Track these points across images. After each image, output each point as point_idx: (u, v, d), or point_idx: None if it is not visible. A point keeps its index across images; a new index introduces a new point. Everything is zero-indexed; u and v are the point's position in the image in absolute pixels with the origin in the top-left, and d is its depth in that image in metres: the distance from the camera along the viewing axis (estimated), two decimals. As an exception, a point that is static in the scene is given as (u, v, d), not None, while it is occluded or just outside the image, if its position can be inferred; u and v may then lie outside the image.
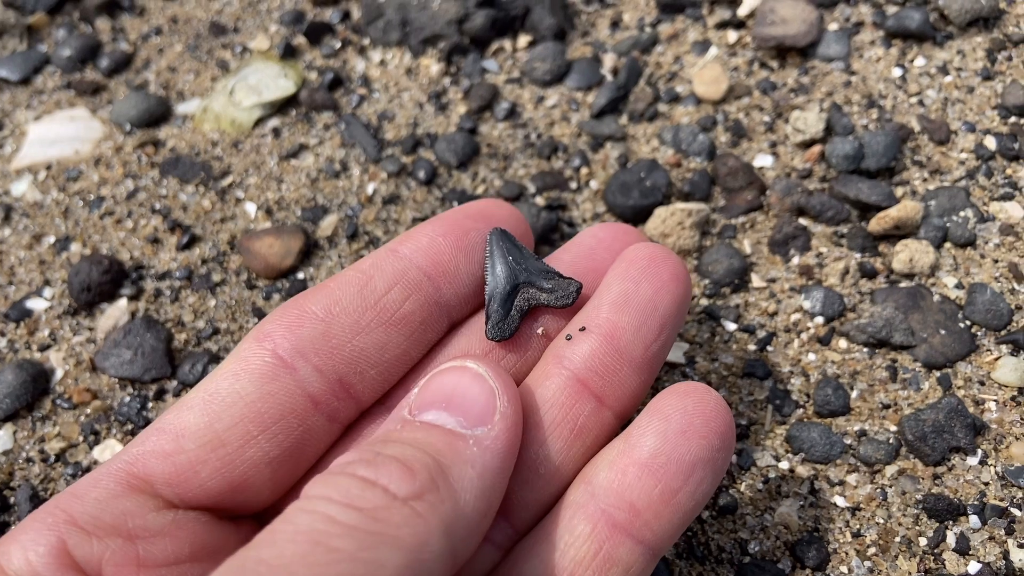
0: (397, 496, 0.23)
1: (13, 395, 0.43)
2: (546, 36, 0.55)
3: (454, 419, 0.26)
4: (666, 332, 0.31)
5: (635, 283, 0.31)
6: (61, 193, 0.51)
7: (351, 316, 0.29)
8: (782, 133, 0.49)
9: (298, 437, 0.28)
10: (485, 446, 0.26)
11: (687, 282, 0.32)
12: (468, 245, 0.32)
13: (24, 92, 0.57)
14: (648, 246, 0.32)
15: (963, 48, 0.51)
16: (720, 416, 0.29)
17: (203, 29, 0.58)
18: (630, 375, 0.31)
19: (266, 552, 0.21)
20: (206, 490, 0.27)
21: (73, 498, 0.26)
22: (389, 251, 0.31)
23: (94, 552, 0.25)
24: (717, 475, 0.29)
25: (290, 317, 0.29)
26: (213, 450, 0.27)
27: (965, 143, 0.47)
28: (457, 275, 0.32)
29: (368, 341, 0.29)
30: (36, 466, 0.42)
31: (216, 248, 0.48)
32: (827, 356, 0.41)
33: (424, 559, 0.22)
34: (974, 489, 0.37)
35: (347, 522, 0.22)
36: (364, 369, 0.29)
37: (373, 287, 0.30)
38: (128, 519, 0.26)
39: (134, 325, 0.44)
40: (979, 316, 0.41)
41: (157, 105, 0.54)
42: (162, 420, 0.28)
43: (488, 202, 0.34)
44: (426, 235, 0.31)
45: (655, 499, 0.28)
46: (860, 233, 0.44)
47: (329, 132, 0.52)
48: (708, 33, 0.54)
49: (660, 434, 0.28)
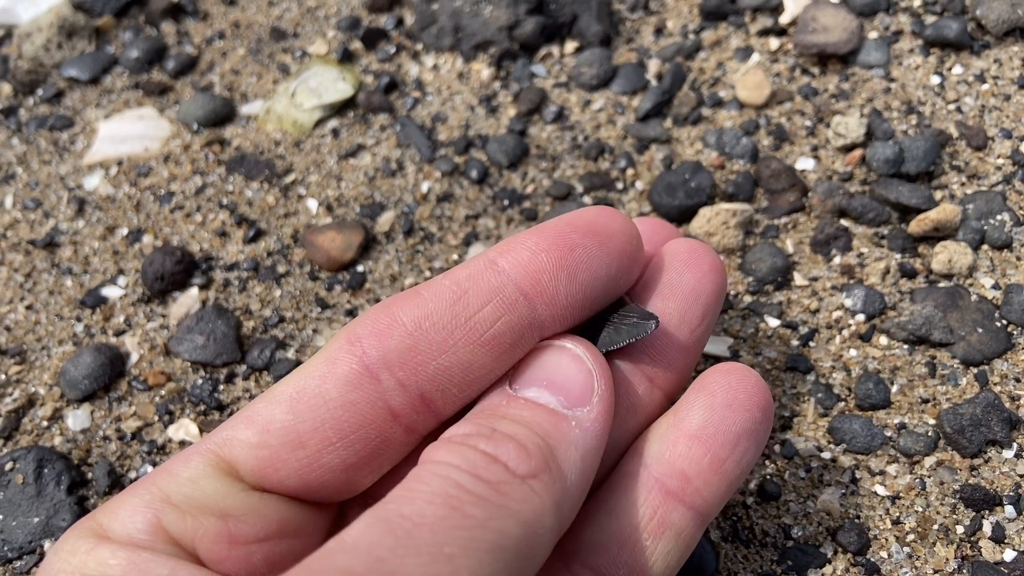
0: (516, 473, 0.25)
1: (91, 377, 0.45)
2: (593, 42, 0.57)
3: (555, 398, 0.28)
4: (708, 317, 0.33)
5: (678, 273, 0.33)
6: (132, 188, 0.54)
7: (440, 333, 0.28)
8: (823, 137, 0.51)
9: (376, 447, 0.29)
10: (586, 427, 0.27)
11: (724, 272, 0.34)
12: (572, 264, 0.30)
13: (94, 91, 0.60)
14: (686, 241, 0.34)
15: (1000, 57, 0.52)
16: (761, 391, 0.31)
17: (264, 34, 0.61)
18: (677, 357, 0.33)
19: (406, 508, 0.23)
20: (284, 486, 0.28)
21: (167, 476, 0.28)
22: (488, 262, 0.30)
23: (188, 528, 0.26)
24: (759, 445, 0.31)
25: (381, 324, 0.28)
26: (293, 451, 0.28)
27: (1002, 149, 0.49)
28: (556, 296, 0.30)
29: (455, 359, 0.28)
30: (113, 444, 0.44)
31: (280, 241, 0.50)
32: (868, 352, 0.43)
33: (538, 533, 0.24)
34: (1010, 481, 0.39)
35: (477, 491, 0.24)
36: (446, 387, 0.29)
37: (467, 303, 0.28)
38: (219, 498, 0.27)
39: (206, 312, 0.47)
40: (1015, 315, 0.43)
41: (222, 106, 0.56)
42: (253, 408, 0.29)
43: (598, 212, 0.31)
44: (528, 249, 0.29)
45: (704, 467, 0.30)
46: (900, 234, 0.46)
47: (385, 133, 0.55)
48: (750, 40, 0.56)
49: (707, 408, 0.30)
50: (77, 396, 0.45)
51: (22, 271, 0.51)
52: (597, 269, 0.30)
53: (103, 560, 0.24)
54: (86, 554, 0.25)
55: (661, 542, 0.30)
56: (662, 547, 0.30)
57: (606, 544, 0.30)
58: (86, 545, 0.25)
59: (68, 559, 0.25)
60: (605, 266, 0.30)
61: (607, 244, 0.30)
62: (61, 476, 0.42)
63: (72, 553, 0.25)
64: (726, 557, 0.38)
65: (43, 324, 0.49)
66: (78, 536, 0.25)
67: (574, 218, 0.31)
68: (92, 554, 0.24)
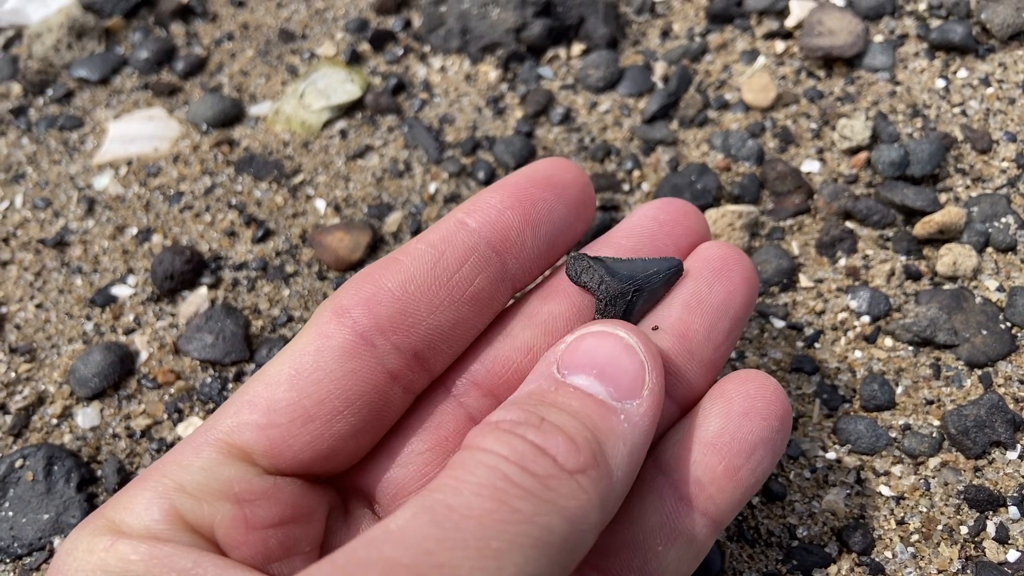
0: (565, 468, 0.24)
1: (101, 375, 0.46)
2: (599, 45, 0.57)
3: (605, 389, 0.27)
4: (734, 334, 0.33)
5: (708, 285, 0.32)
6: (142, 188, 0.54)
7: (426, 295, 0.30)
8: (829, 140, 0.51)
9: (379, 409, 0.30)
10: (634, 422, 0.27)
11: (756, 284, 0.33)
12: (535, 219, 0.32)
13: (103, 92, 0.61)
14: (721, 246, 0.34)
15: (1005, 61, 0.53)
16: (779, 400, 0.31)
17: (273, 35, 0.62)
18: (697, 373, 0.32)
19: (453, 499, 0.23)
20: (299, 460, 0.29)
21: (178, 467, 0.28)
22: (458, 223, 0.31)
23: (205, 515, 0.26)
24: (776, 454, 0.31)
25: (367, 292, 0.30)
26: (303, 424, 0.29)
27: (1006, 152, 0.49)
28: (523, 249, 0.32)
29: (443, 319, 0.30)
30: (122, 441, 0.44)
31: (289, 241, 0.51)
32: (873, 353, 0.43)
33: (583, 530, 0.24)
34: (1014, 482, 0.39)
35: (524, 485, 0.23)
36: (438, 344, 0.31)
37: (446, 264, 0.30)
38: (234, 484, 0.27)
39: (215, 311, 0.47)
40: (1019, 318, 0.43)
41: (231, 107, 0.57)
42: (251, 392, 0.29)
43: (551, 163, 0.33)
44: (494, 207, 0.31)
45: (719, 475, 0.30)
46: (905, 237, 0.46)
47: (393, 134, 0.55)
48: (756, 43, 0.56)
49: (724, 415, 0.30)
50: (87, 394, 0.46)
51: (32, 270, 0.52)
52: (557, 220, 0.32)
53: (124, 556, 0.24)
54: (105, 551, 0.24)
55: (673, 548, 0.30)
56: (674, 553, 0.30)
57: (617, 548, 0.30)
58: (103, 542, 0.25)
59: (85, 558, 0.24)
60: (563, 216, 0.33)
61: (564, 195, 0.33)
62: (71, 473, 0.43)
63: (89, 551, 0.25)
64: (731, 556, 0.38)
65: (53, 323, 0.49)
66: (92, 534, 0.25)
67: (532, 172, 0.33)
68: (111, 551, 0.24)
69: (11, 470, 0.43)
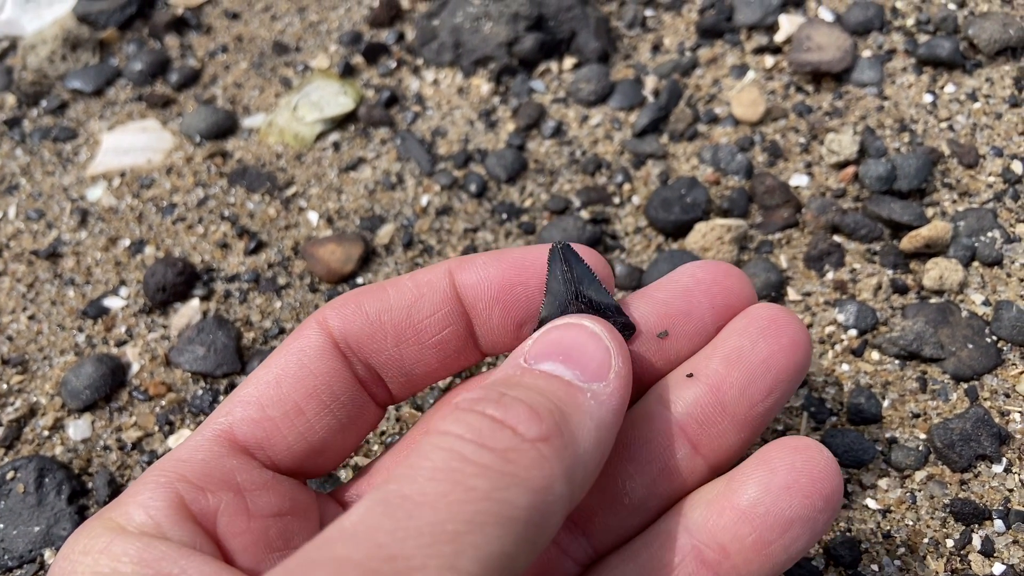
0: (525, 438, 0.24)
1: (92, 387, 0.46)
2: (591, 59, 0.58)
3: (571, 372, 0.27)
4: (775, 396, 0.31)
5: (751, 342, 0.31)
6: (135, 199, 0.55)
7: (395, 328, 0.31)
8: (817, 154, 0.52)
9: (358, 409, 0.32)
10: (601, 400, 0.27)
11: (807, 350, 0.31)
12: (508, 300, 0.32)
13: (97, 103, 0.61)
14: (772, 308, 0.32)
15: (992, 76, 0.53)
16: (828, 478, 0.28)
17: (267, 48, 0.62)
18: (729, 430, 0.31)
19: (408, 488, 0.22)
20: (292, 453, 0.30)
21: (180, 462, 0.28)
22: (447, 272, 0.32)
23: (209, 505, 0.27)
24: (815, 534, 0.28)
25: (348, 310, 0.31)
26: (295, 416, 0.30)
27: (993, 167, 0.50)
28: (489, 322, 0.32)
29: (404, 353, 0.32)
30: (113, 453, 0.45)
31: (281, 253, 0.51)
32: (860, 367, 0.44)
33: (548, 501, 0.23)
34: (999, 495, 0.39)
35: (480, 461, 0.23)
36: (395, 375, 0.32)
37: (420, 308, 0.31)
38: (236, 474, 0.28)
39: (206, 323, 0.47)
40: (1005, 332, 0.43)
41: (224, 119, 0.57)
42: (242, 393, 0.31)
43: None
44: (477, 272, 0.32)
45: (747, 546, 0.28)
46: (892, 251, 0.47)
47: (386, 147, 0.55)
48: (746, 58, 0.57)
49: (763, 485, 0.28)
50: (78, 406, 0.46)
51: (24, 281, 0.52)
52: (534, 311, 0.32)
53: (116, 557, 0.24)
54: (99, 553, 0.25)
55: None
56: None
57: None
58: (100, 543, 0.25)
59: (81, 559, 0.25)
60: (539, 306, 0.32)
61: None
62: (62, 485, 0.43)
63: (85, 553, 0.25)
64: (719, 569, 0.39)
65: (45, 334, 0.49)
66: (90, 535, 0.25)
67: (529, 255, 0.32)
68: (106, 553, 0.24)
69: (2, 482, 0.43)
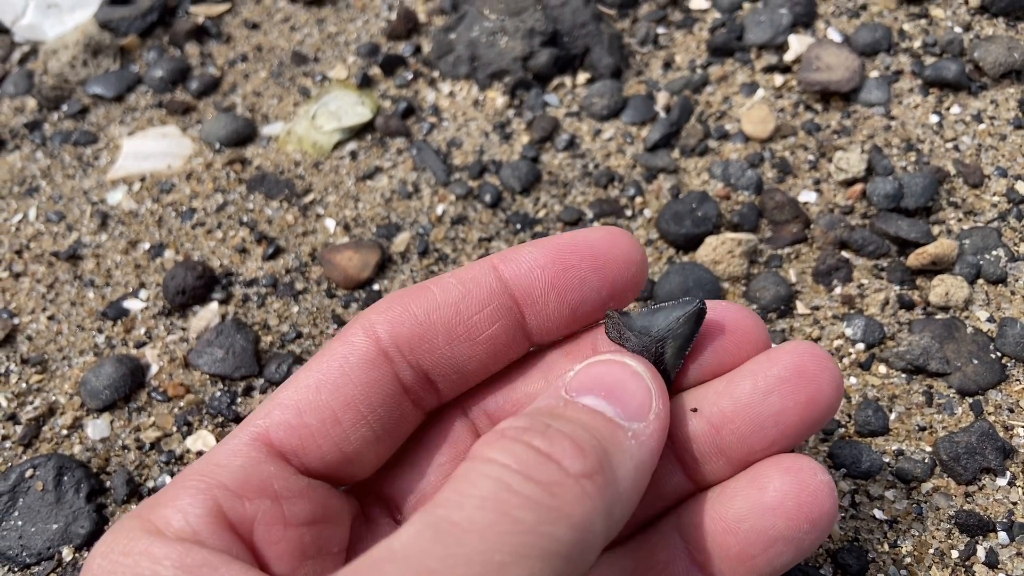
0: (570, 472, 0.24)
1: (112, 387, 0.47)
2: (604, 74, 0.59)
3: (613, 409, 0.27)
4: (779, 446, 0.30)
5: (764, 393, 0.30)
6: (155, 204, 0.55)
7: (445, 326, 0.31)
8: (825, 171, 0.53)
9: (396, 419, 0.31)
10: (641, 441, 0.27)
11: (827, 405, 0.30)
12: (562, 284, 0.31)
13: (118, 108, 0.62)
14: (799, 352, 0.30)
15: (996, 98, 0.55)
16: (817, 501, 0.29)
17: (286, 58, 0.63)
18: (724, 468, 0.31)
19: (456, 514, 0.23)
20: (326, 462, 0.30)
21: (217, 467, 0.28)
22: (491, 267, 0.32)
23: (247, 513, 0.27)
24: (801, 552, 0.29)
25: (394, 312, 0.31)
26: (332, 426, 0.30)
27: (997, 187, 0.51)
28: (544, 310, 0.32)
29: (456, 351, 0.31)
30: (132, 453, 0.45)
31: (299, 259, 0.52)
32: (867, 380, 0.45)
33: (587, 538, 0.24)
34: (1003, 508, 0.40)
35: (527, 494, 0.23)
36: (448, 373, 0.32)
37: (468, 304, 0.31)
38: (273, 481, 0.28)
39: (225, 327, 0.48)
40: (1009, 348, 0.44)
41: (244, 126, 0.58)
42: (282, 396, 0.30)
43: (603, 234, 0.32)
44: (526, 261, 0.32)
45: (732, 555, 0.29)
46: (899, 267, 0.48)
47: (402, 156, 0.56)
48: (756, 76, 0.58)
49: (750, 502, 0.29)
50: (97, 406, 0.46)
51: (45, 282, 0.52)
52: (587, 292, 0.32)
53: (156, 560, 0.24)
54: (140, 555, 0.25)
55: None
56: None
57: None
58: (140, 544, 0.25)
59: (121, 560, 0.25)
60: (596, 290, 0.32)
61: (603, 269, 0.32)
62: (80, 484, 0.43)
63: (125, 554, 0.25)
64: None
65: (65, 334, 0.50)
66: (129, 536, 0.25)
67: (578, 237, 0.32)
68: (147, 554, 0.25)
69: (21, 480, 0.43)
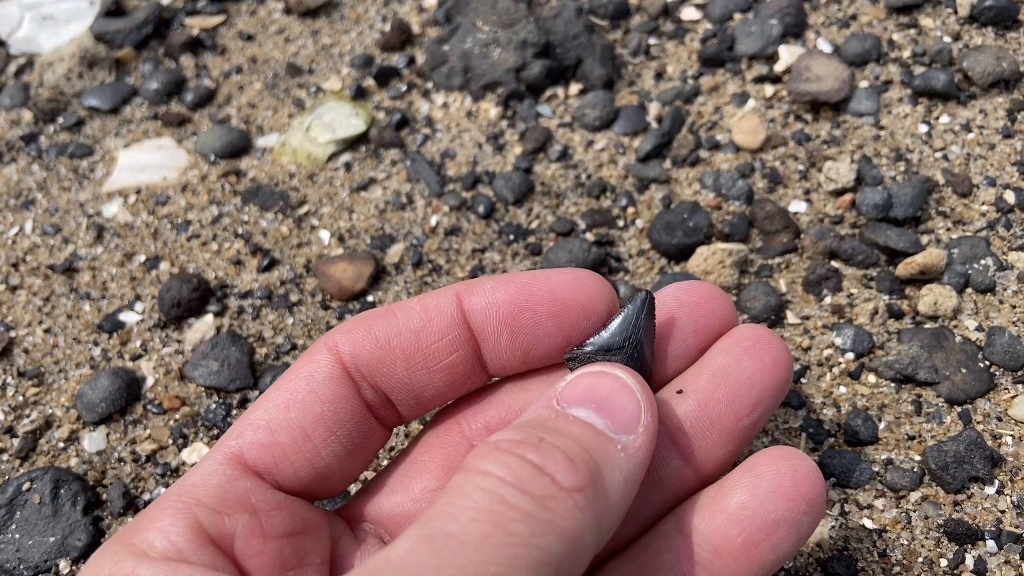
0: (562, 486, 0.25)
1: (108, 400, 0.47)
2: (596, 85, 0.59)
3: (603, 421, 0.28)
4: (759, 410, 0.33)
5: (736, 360, 0.32)
6: (150, 216, 0.56)
7: (404, 353, 0.32)
8: (815, 181, 0.53)
9: (364, 435, 0.32)
10: (631, 453, 0.28)
11: (788, 368, 0.33)
12: (516, 325, 0.32)
13: (113, 121, 0.62)
14: (755, 328, 0.34)
15: (985, 108, 0.55)
16: (811, 483, 0.30)
17: (280, 69, 0.64)
18: (717, 443, 0.32)
19: (451, 526, 0.23)
20: (299, 478, 0.31)
21: (194, 487, 0.29)
22: (455, 296, 0.32)
23: (227, 527, 0.28)
24: (801, 536, 0.30)
25: (357, 334, 0.32)
26: (303, 443, 0.31)
27: (986, 196, 0.51)
28: (498, 347, 0.33)
29: (414, 378, 0.32)
30: (128, 466, 0.46)
31: (293, 271, 0.52)
32: (857, 389, 0.45)
33: (578, 550, 0.24)
34: (991, 516, 0.41)
35: (521, 507, 0.24)
36: (405, 398, 0.33)
37: (428, 332, 0.32)
38: (250, 496, 0.29)
39: (220, 339, 0.48)
40: (997, 357, 0.45)
41: (239, 138, 0.58)
42: (252, 417, 0.31)
43: (567, 280, 0.33)
44: (485, 296, 0.32)
45: (737, 546, 0.30)
46: (888, 277, 0.48)
47: (396, 168, 0.57)
48: (746, 87, 0.58)
49: (750, 489, 0.30)
50: (94, 418, 0.47)
51: (41, 295, 0.53)
52: (541, 336, 0.32)
53: None
54: None
55: None
56: None
57: None
58: (126, 567, 0.25)
59: None
60: (550, 335, 0.32)
61: (559, 315, 0.32)
62: (77, 497, 0.44)
63: None
64: (720, 586, 0.40)
65: (61, 347, 0.50)
66: (115, 559, 0.26)
67: (539, 279, 0.32)
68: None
69: (18, 493, 0.44)
